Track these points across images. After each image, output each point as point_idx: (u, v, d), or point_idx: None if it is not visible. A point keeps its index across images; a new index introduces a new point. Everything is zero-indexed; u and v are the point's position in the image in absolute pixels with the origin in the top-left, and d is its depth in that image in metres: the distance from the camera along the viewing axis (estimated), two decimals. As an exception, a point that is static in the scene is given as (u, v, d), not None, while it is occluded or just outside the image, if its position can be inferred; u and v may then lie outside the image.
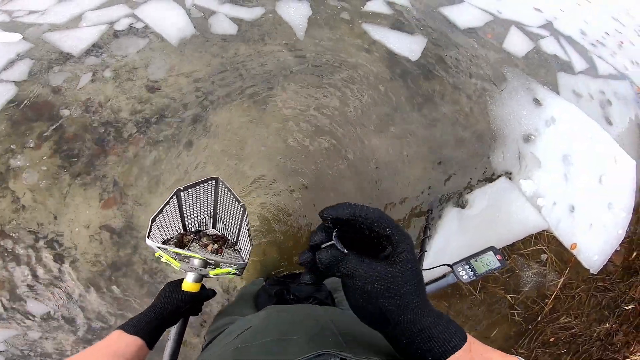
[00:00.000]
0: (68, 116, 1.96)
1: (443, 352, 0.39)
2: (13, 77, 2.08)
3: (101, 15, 2.41)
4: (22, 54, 2.21)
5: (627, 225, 2.25)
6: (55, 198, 1.77)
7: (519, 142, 2.21)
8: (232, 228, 0.96)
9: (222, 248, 0.93)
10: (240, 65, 2.21)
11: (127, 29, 2.32)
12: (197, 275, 0.82)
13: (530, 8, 3.26)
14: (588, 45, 3.19)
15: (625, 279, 2.24)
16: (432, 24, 2.70)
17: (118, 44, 2.25)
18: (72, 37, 2.30)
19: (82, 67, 2.13)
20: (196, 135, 1.95)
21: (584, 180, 2.26)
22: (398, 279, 0.38)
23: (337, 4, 2.65)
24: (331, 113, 2.11)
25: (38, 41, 2.27)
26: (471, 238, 1.98)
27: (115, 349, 0.63)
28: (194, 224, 0.94)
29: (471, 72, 2.47)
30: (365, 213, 0.39)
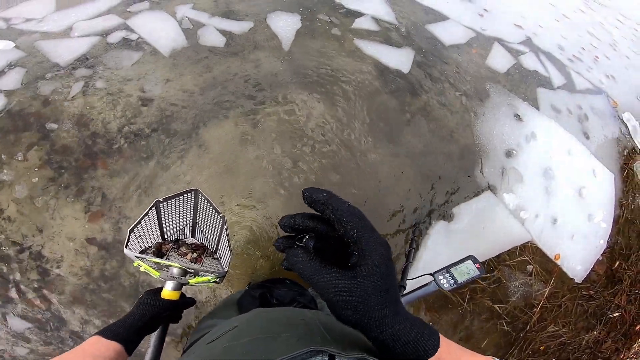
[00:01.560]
0: (57, 127, 1.92)
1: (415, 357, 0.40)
2: (3, 86, 2.04)
3: (93, 26, 2.39)
4: (13, 63, 2.17)
5: (607, 235, 2.34)
6: (41, 210, 1.73)
7: (502, 157, 2.27)
8: (211, 238, 0.96)
9: (201, 257, 0.93)
10: (230, 79, 2.21)
11: (120, 41, 2.31)
12: (176, 284, 0.83)
13: (510, 24, 3.35)
14: (566, 61, 3.30)
15: (609, 287, 2.31)
16: (418, 41, 2.76)
17: (111, 56, 2.23)
18: (62, 46, 2.27)
19: (74, 78, 2.10)
20: (186, 149, 1.93)
21: (565, 193, 2.34)
22: (356, 292, 0.37)
23: (327, 19, 2.69)
24: (321, 127, 2.12)
25: (30, 49, 2.24)
26: (457, 250, 2.02)
27: (93, 352, 0.64)
28: (172, 233, 0.95)
29: (456, 88, 2.52)
30: (337, 204, 0.38)
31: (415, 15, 2.99)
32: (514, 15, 3.52)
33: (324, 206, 0.38)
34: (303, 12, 2.69)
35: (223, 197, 1.86)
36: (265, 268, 1.77)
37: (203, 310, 1.75)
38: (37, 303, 1.64)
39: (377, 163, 2.09)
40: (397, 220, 1.97)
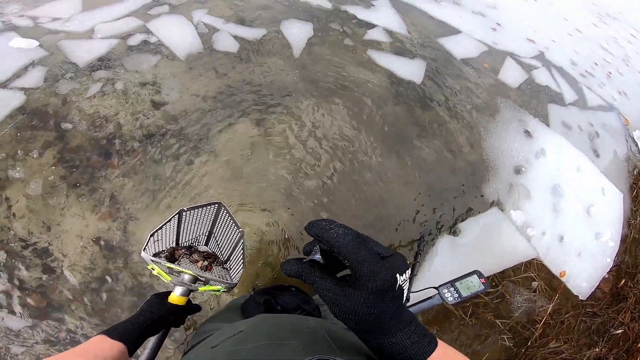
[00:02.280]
0: (73, 127, 1.95)
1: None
2: (24, 84, 2.07)
3: (115, 28, 2.43)
4: (36, 62, 2.20)
5: (615, 254, 2.30)
6: (50, 207, 1.74)
7: (510, 174, 2.25)
8: (225, 248, 0.97)
9: (211, 265, 0.94)
10: (242, 85, 2.23)
11: (140, 44, 2.33)
12: (185, 290, 0.84)
13: (523, 39, 3.34)
14: (578, 76, 3.27)
15: (614, 304, 2.27)
16: (430, 53, 2.75)
17: (131, 58, 2.26)
18: (82, 47, 2.30)
19: (92, 79, 2.13)
20: (197, 153, 1.94)
21: (573, 211, 2.31)
22: (351, 309, 0.39)
23: (340, 29, 2.70)
24: (329, 137, 2.12)
25: (53, 49, 2.27)
26: (462, 265, 2.00)
27: (98, 352, 0.64)
28: (187, 240, 0.96)
29: (467, 102, 2.51)
30: (328, 236, 0.40)
31: (427, 28, 2.99)
32: (527, 29, 3.52)
33: (318, 238, 0.41)
34: (316, 22, 2.71)
35: (230, 203, 1.86)
36: (267, 275, 1.77)
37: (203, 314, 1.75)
38: (37, 300, 1.63)
39: (385, 174, 2.08)
40: (403, 232, 1.96)
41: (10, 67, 2.15)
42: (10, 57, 2.21)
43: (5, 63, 2.18)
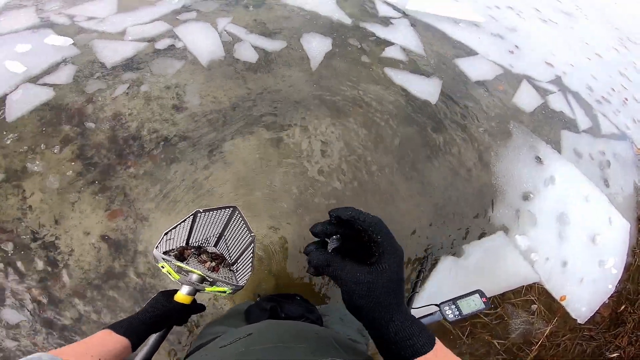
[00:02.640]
0: (95, 125, 1.97)
1: (410, 353, 0.44)
2: (54, 81, 2.12)
3: (145, 31, 2.48)
4: (68, 60, 2.25)
5: (617, 281, 2.25)
6: (63, 202, 1.75)
7: (518, 200, 2.22)
8: (233, 251, 0.97)
9: (218, 266, 0.94)
10: (259, 96, 2.23)
11: (167, 48, 2.37)
12: (192, 289, 0.84)
13: (541, 62, 3.28)
14: (593, 102, 3.18)
15: (611, 329, 2.22)
16: (445, 74, 2.70)
17: (157, 62, 2.29)
18: (111, 48, 2.35)
19: (119, 80, 2.17)
20: (211, 159, 1.94)
21: (578, 238, 2.26)
22: (372, 285, 0.43)
23: (358, 44, 2.69)
24: (340, 152, 2.11)
25: (85, 48, 2.32)
26: (463, 285, 2.01)
27: (103, 345, 0.64)
28: (197, 240, 0.96)
29: (479, 125, 2.46)
30: (364, 217, 0.44)
31: (443, 48, 2.95)
32: (546, 52, 3.45)
33: (353, 220, 0.44)
34: (335, 37, 2.70)
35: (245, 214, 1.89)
36: (270, 283, 1.75)
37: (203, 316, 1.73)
38: (37, 293, 1.61)
39: (393, 192, 2.06)
40: (407, 250, 1.92)
41: (43, 63, 2.21)
42: (44, 53, 2.27)
43: (38, 59, 2.23)
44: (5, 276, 1.61)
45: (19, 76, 2.14)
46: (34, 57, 2.25)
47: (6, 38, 2.37)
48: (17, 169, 1.79)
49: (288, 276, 1.79)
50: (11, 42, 2.33)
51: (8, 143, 1.86)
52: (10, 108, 1.99)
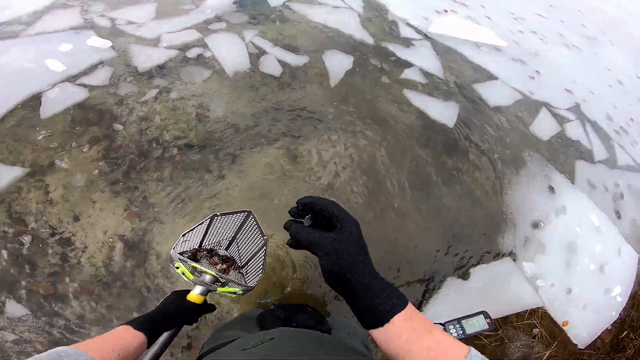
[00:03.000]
0: (123, 127, 2.01)
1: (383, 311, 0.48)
2: (90, 82, 2.18)
3: (178, 39, 2.53)
4: (105, 62, 2.30)
5: (621, 309, 2.21)
6: (85, 199, 1.76)
7: (528, 228, 2.18)
8: (244, 254, 0.98)
9: (229, 269, 0.95)
10: (278, 109, 2.24)
11: (196, 57, 2.42)
12: (204, 289, 0.86)
13: (561, 89, 3.21)
14: (612, 132, 3.10)
15: (611, 354, 2.14)
16: (463, 99, 2.66)
17: (186, 70, 2.33)
18: (145, 53, 2.40)
19: (150, 85, 2.21)
20: (228, 169, 1.95)
21: (585, 267, 2.22)
22: (345, 241, 0.49)
23: (378, 64, 2.67)
24: (354, 169, 2.10)
25: (121, 51, 2.37)
26: (466, 307, 2.01)
27: (122, 340, 0.66)
28: (210, 243, 0.98)
29: (494, 151, 2.42)
30: (319, 201, 0.53)
31: (463, 72, 2.91)
32: (566, 79, 3.38)
33: (313, 204, 0.53)
34: (357, 55, 2.69)
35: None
36: (276, 293, 1.74)
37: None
38: (45, 287, 1.61)
39: (404, 212, 2.04)
40: (414, 270, 1.94)
41: (82, 64, 2.27)
42: (84, 53, 2.34)
43: (78, 59, 2.30)
44: (18, 268, 1.61)
45: (57, 75, 2.20)
46: (75, 57, 2.31)
47: (50, 37, 2.44)
48: (43, 164, 1.83)
49: (296, 286, 1.79)
50: (55, 41, 2.41)
51: (39, 139, 1.90)
52: (45, 105, 2.05)
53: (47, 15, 2.64)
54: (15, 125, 1.95)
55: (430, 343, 0.47)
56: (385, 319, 0.47)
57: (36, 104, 2.05)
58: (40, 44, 2.39)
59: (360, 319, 0.50)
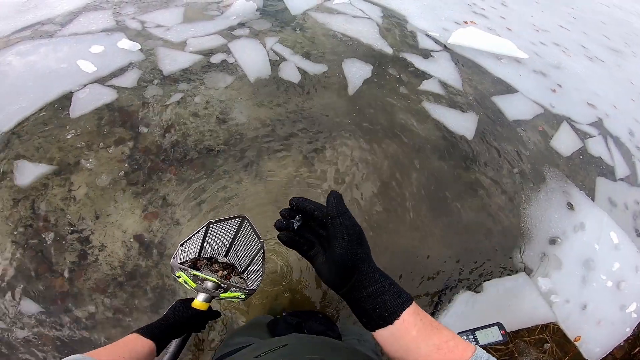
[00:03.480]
0: (147, 129, 2.04)
1: (394, 305, 0.47)
2: (119, 83, 2.24)
3: (202, 43, 2.58)
4: (134, 64, 2.36)
5: (636, 324, 2.16)
6: (105, 199, 1.80)
7: (544, 243, 2.14)
8: (243, 259, 0.99)
9: (230, 275, 0.96)
10: (298, 116, 2.25)
11: (220, 63, 2.46)
12: (207, 296, 0.87)
13: (583, 103, 3.12)
14: (634, 149, 2.99)
15: None
16: (482, 112, 2.61)
17: (210, 75, 2.37)
18: (170, 57, 2.45)
19: (175, 89, 2.25)
20: (245, 175, 1.96)
21: (602, 284, 2.17)
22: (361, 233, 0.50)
23: (396, 75, 2.65)
24: (370, 179, 2.09)
25: (149, 54, 2.42)
26: (478, 320, 2.00)
27: (133, 348, 0.68)
28: (208, 251, 0.99)
29: (513, 166, 2.37)
30: (311, 205, 0.52)
31: (482, 84, 2.86)
32: (589, 92, 3.28)
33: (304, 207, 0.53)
34: (375, 65, 2.69)
35: (267, 228, 1.81)
36: (285, 300, 1.73)
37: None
38: (60, 284, 1.62)
39: (418, 224, 2.02)
40: (426, 282, 1.92)
41: (112, 66, 2.34)
42: (114, 55, 2.41)
43: (108, 60, 2.37)
44: (36, 264, 1.64)
45: (88, 76, 2.27)
46: (105, 58, 2.39)
47: (83, 38, 2.53)
48: (69, 163, 1.87)
49: (305, 293, 1.79)
50: (87, 42, 2.49)
51: (68, 138, 1.96)
52: (75, 105, 2.11)
53: (81, 16, 2.74)
54: (45, 124, 2.02)
55: (438, 341, 0.46)
56: (395, 315, 0.47)
57: (66, 103, 2.12)
58: (73, 44, 2.49)
59: (366, 318, 0.49)
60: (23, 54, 2.40)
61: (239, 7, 2.92)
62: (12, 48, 2.43)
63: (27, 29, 2.61)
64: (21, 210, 1.74)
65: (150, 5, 2.91)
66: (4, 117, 2.04)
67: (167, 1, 3.00)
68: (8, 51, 2.41)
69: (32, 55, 2.38)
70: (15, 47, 2.44)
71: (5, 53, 2.39)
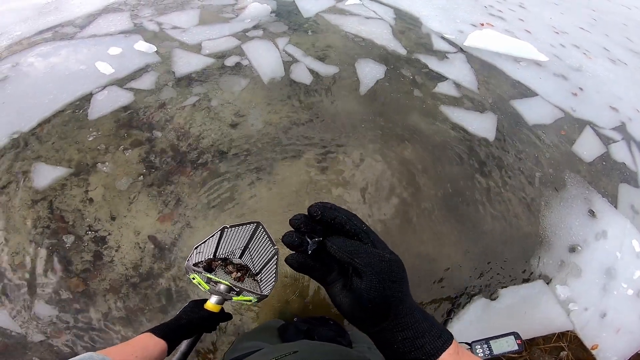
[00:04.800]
0: (162, 132, 2.07)
1: (434, 348, 0.40)
2: (136, 86, 2.28)
3: (217, 46, 2.61)
4: (151, 66, 2.40)
5: None
6: (122, 200, 1.82)
7: (564, 251, 2.09)
8: (257, 263, 1.00)
9: (244, 277, 0.97)
10: (311, 119, 2.26)
11: (234, 66, 2.48)
12: (220, 298, 0.88)
13: (605, 106, 3.05)
14: None
15: None
16: (501, 116, 2.57)
17: (224, 78, 2.40)
18: (186, 60, 2.48)
19: (190, 91, 2.28)
20: (258, 178, 1.97)
21: (623, 292, 2.12)
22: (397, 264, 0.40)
23: (410, 75, 2.64)
24: (384, 181, 2.07)
25: (165, 56, 2.46)
26: (492, 327, 1.93)
27: (145, 347, 0.70)
28: (223, 252, 0.99)
29: (532, 171, 2.33)
30: (332, 214, 0.40)
31: (501, 87, 2.81)
32: (611, 96, 3.20)
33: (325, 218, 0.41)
34: (389, 66, 2.69)
35: (280, 234, 1.92)
36: (297, 304, 1.73)
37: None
38: (75, 284, 1.64)
39: (434, 229, 1.99)
40: (441, 287, 1.90)
41: (129, 67, 2.39)
42: (131, 57, 2.46)
43: (126, 62, 2.42)
44: (52, 263, 1.67)
45: (106, 77, 2.32)
46: (123, 60, 2.44)
47: (101, 40, 2.60)
48: (87, 164, 1.91)
49: (316, 298, 1.79)
50: (105, 44, 2.55)
51: (86, 139, 2.00)
52: (93, 107, 2.15)
53: (100, 18, 2.81)
54: (63, 125, 2.06)
55: None
56: (434, 358, 0.41)
57: (85, 105, 2.16)
58: (92, 46, 2.55)
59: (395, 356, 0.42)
60: (44, 55, 2.47)
61: (254, 9, 2.96)
62: (34, 49, 2.51)
63: (48, 30, 2.69)
64: (40, 210, 1.78)
65: (167, 7, 2.97)
66: (25, 117, 2.09)
67: (183, 3, 3.05)
68: (29, 52, 2.48)
69: (52, 57, 2.45)
70: (36, 49, 2.52)
71: (27, 54, 2.47)
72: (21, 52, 2.48)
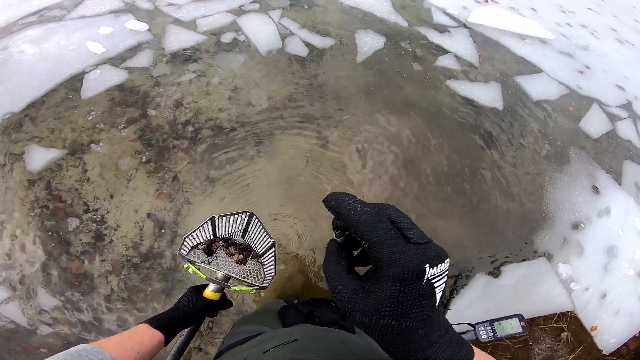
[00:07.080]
0: (157, 108, 2.09)
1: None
2: (129, 64, 2.29)
3: (212, 22, 2.61)
4: (144, 44, 2.41)
5: None
6: (120, 178, 1.84)
7: (567, 228, 2.12)
8: (259, 247, 0.98)
9: (246, 259, 0.94)
10: (308, 91, 2.29)
11: (231, 42, 2.48)
12: (218, 287, 0.88)
13: (612, 85, 3.07)
14: None
15: None
16: (505, 91, 2.60)
17: (220, 55, 2.40)
18: (180, 37, 2.49)
19: (185, 67, 2.29)
20: (257, 152, 1.99)
21: (624, 272, 2.17)
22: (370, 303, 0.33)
23: (409, 48, 2.66)
24: (384, 155, 2.10)
25: (159, 34, 2.47)
26: (495, 306, 1.95)
27: (141, 340, 0.70)
28: (224, 233, 0.97)
29: (536, 146, 2.35)
30: (346, 212, 0.34)
31: (505, 64, 2.83)
32: (618, 75, 3.22)
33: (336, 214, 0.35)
34: (389, 37, 2.72)
35: (279, 206, 1.86)
36: (298, 281, 1.76)
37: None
38: (76, 266, 1.67)
39: (436, 206, 2.02)
40: None
41: (120, 46, 2.39)
42: (123, 36, 2.46)
43: (117, 41, 2.42)
44: (52, 244, 1.69)
45: (97, 57, 2.32)
46: (114, 39, 2.44)
47: (91, 20, 2.58)
48: (83, 143, 1.92)
49: (318, 276, 1.81)
50: (95, 24, 2.54)
51: (79, 118, 2.01)
52: (86, 86, 2.17)
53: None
54: (57, 105, 2.08)
55: None
56: None
57: (77, 85, 2.18)
58: (82, 27, 2.54)
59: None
60: (33, 37, 2.46)
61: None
62: (22, 32, 2.50)
63: (35, 14, 2.67)
64: (37, 191, 1.80)
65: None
66: (16, 98, 2.10)
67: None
68: (17, 35, 2.48)
69: (41, 39, 2.45)
70: (24, 32, 2.51)
71: (15, 37, 2.46)
72: (8, 35, 2.47)
